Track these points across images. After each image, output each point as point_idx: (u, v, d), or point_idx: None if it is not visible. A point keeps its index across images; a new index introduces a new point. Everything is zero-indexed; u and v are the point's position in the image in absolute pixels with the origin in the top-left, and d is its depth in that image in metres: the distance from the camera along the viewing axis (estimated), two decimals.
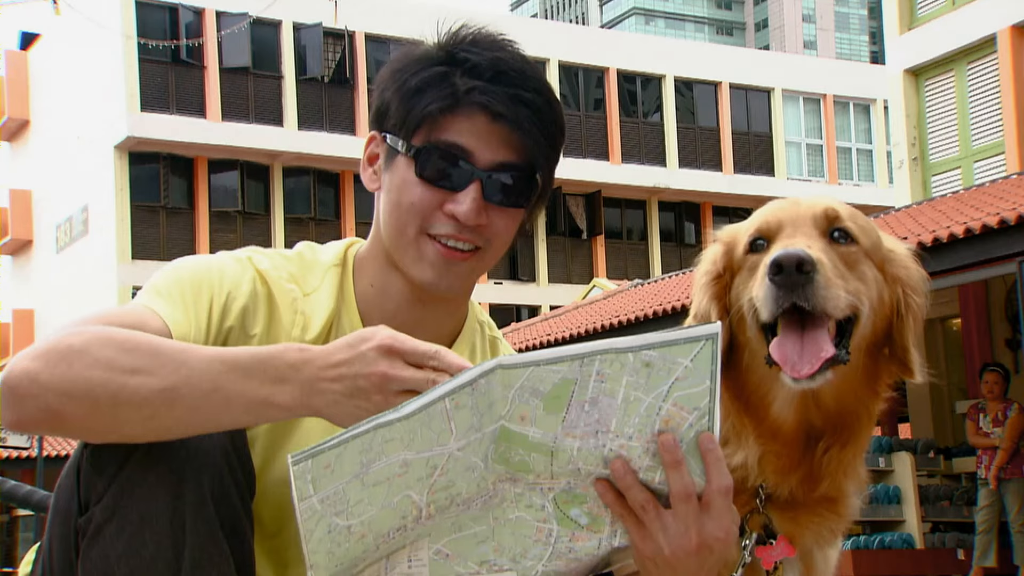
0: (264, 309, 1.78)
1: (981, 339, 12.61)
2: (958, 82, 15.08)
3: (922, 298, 1.83)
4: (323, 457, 1.40)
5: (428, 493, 1.42)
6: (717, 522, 1.46)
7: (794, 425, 1.77)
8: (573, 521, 1.48)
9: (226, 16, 25.64)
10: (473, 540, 1.47)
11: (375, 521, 1.43)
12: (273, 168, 26.49)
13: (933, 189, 15.06)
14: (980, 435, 10.28)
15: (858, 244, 1.78)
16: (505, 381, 1.37)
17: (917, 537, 10.67)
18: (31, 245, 30.36)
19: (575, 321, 15.58)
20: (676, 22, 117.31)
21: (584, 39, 30.64)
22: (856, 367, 1.77)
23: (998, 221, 9.37)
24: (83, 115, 26.45)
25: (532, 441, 1.41)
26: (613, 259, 29.04)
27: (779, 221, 1.80)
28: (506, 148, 1.76)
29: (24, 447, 20.65)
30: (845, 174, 31.33)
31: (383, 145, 1.83)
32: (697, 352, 1.38)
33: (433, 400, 1.37)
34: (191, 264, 1.79)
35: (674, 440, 1.42)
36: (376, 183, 1.86)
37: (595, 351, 1.37)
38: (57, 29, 26.37)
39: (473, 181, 1.75)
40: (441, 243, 1.78)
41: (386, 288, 1.85)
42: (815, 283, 1.65)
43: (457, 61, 1.77)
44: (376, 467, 1.40)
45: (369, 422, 1.38)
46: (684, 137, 29.98)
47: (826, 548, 1.86)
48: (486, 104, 1.74)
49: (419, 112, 1.75)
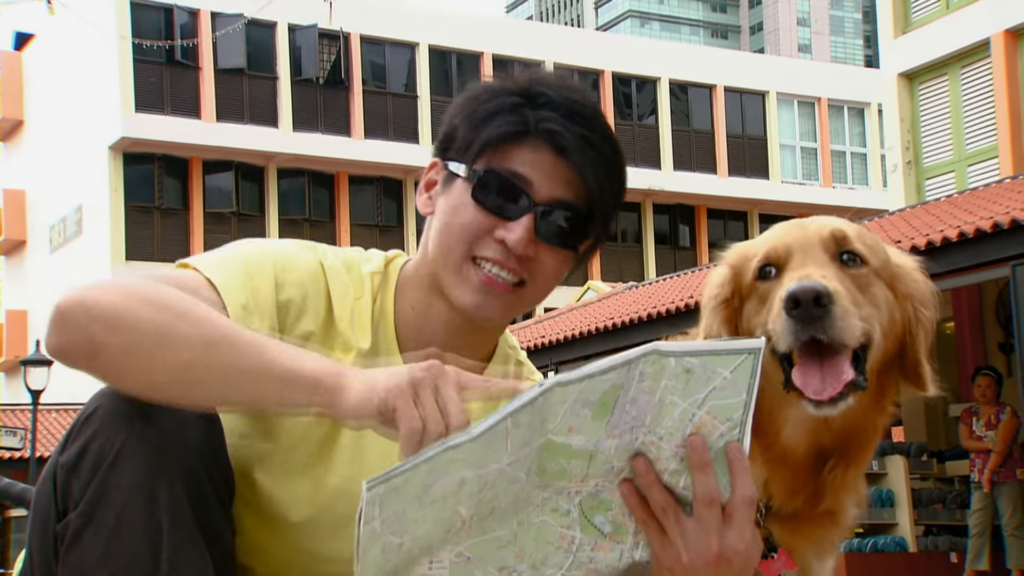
0: (324, 300, 1.79)
1: (974, 343, 12.64)
2: (952, 86, 15.12)
3: (932, 311, 1.81)
4: (394, 481, 1.39)
5: (475, 507, 1.43)
6: (738, 533, 1.44)
7: (805, 449, 1.75)
8: (596, 529, 1.47)
9: (221, 17, 25.63)
10: (495, 544, 1.47)
11: (424, 536, 1.44)
12: (268, 169, 26.47)
13: (927, 193, 15.09)
14: (973, 438, 10.30)
15: (868, 265, 1.75)
16: (560, 397, 1.38)
17: (910, 540, 10.68)
18: (25, 245, 30.31)
19: (569, 323, 15.58)
20: (671, 25, 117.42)
21: (579, 42, 30.67)
22: (869, 388, 1.74)
23: (991, 225, 9.40)
24: (77, 115, 26.42)
25: (575, 449, 1.42)
26: (607, 261, 29.05)
27: (787, 247, 1.77)
28: (566, 186, 1.76)
29: (17, 448, 20.62)
30: (839, 177, 31.37)
31: (443, 171, 1.82)
32: (738, 364, 1.39)
33: (499, 420, 1.37)
34: (254, 244, 1.82)
35: (703, 442, 1.42)
36: (430, 207, 1.84)
37: (641, 354, 1.37)
38: (51, 29, 26.33)
39: (528, 212, 1.74)
40: (485, 271, 1.77)
41: (427, 313, 1.84)
42: (832, 315, 1.63)
43: (532, 95, 1.77)
44: (437, 487, 1.40)
45: (440, 445, 1.38)
46: (679, 140, 30.01)
47: (825, 558, 1.86)
48: (554, 137, 1.74)
49: (485, 137, 1.75)
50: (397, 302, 1.86)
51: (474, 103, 1.79)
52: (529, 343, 14.46)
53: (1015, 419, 10.15)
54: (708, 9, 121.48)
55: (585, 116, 1.77)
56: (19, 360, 22.43)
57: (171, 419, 1.58)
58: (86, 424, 1.59)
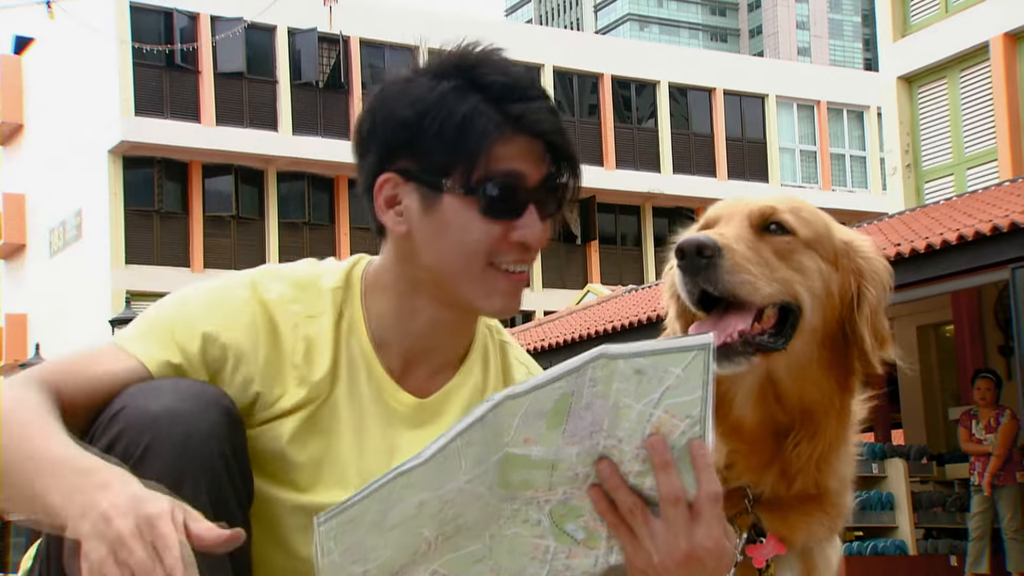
0: (266, 341, 1.76)
1: (974, 345, 12.64)
2: (951, 89, 15.13)
3: (880, 289, 1.82)
4: (348, 513, 1.39)
5: (438, 527, 1.42)
6: (707, 531, 1.42)
7: (756, 421, 1.78)
8: (569, 536, 1.47)
9: (221, 21, 25.63)
10: (469, 559, 1.46)
11: (388, 561, 1.43)
12: (267, 173, 26.47)
13: (926, 196, 15.10)
14: (973, 441, 10.29)
15: (795, 235, 1.78)
16: (512, 410, 1.37)
17: (910, 543, 10.67)
18: (24, 249, 30.30)
19: (569, 327, 15.59)
20: (671, 28, 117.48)
21: (579, 45, 30.67)
22: (812, 358, 1.77)
23: (991, 228, 9.40)
24: (77, 119, 26.42)
25: (535, 459, 1.41)
26: (607, 265, 29.06)
27: (717, 217, 1.83)
28: (543, 161, 1.75)
29: None
30: (839, 180, 31.39)
31: (406, 186, 1.75)
32: (689, 361, 1.38)
33: (449, 441, 1.36)
34: (179, 300, 1.78)
35: (663, 442, 1.41)
36: (403, 226, 1.76)
37: (588, 360, 1.37)
38: (51, 33, 26.32)
39: (530, 203, 1.73)
40: (510, 271, 1.75)
41: (414, 316, 1.81)
42: (719, 267, 1.68)
43: (483, 87, 1.72)
44: (394, 513, 1.40)
45: (391, 472, 1.38)
46: (678, 143, 30.01)
47: (825, 547, 1.87)
48: (537, 125, 1.72)
49: (472, 148, 1.69)
50: (368, 309, 1.83)
51: (424, 116, 1.71)
52: (529, 347, 14.46)
53: (1015, 422, 10.15)
54: (707, 12, 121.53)
55: (527, 82, 1.76)
56: (18, 364, 22.42)
57: (197, 420, 1.58)
58: (111, 423, 1.60)
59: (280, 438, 1.74)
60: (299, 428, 1.75)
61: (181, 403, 1.59)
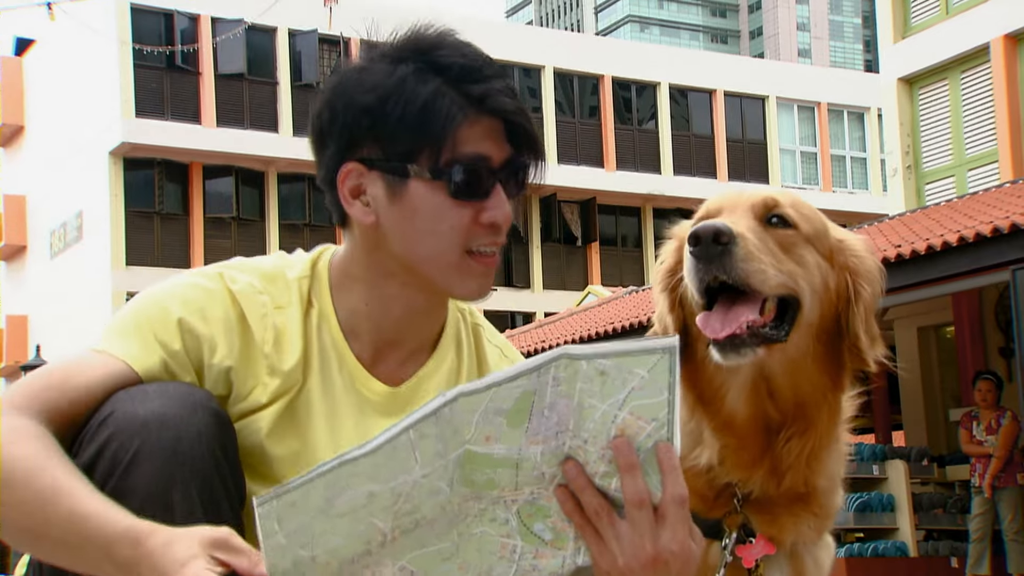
0: (237, 331, 1.75)
1: (974, 347, 12.64)
2: (952, 91, 15.13)
3: (873, 287, 1.83)
4: (288, 496, 1.40)
5: (393, 519, 1.42)
6: (672, 534, 1.41)
7: (748, 416, 1.77)
8: (536, 536, 1.46)
9: (221, 22, 25.64)
10: (438, 557, 1.46)
11: (340, 549, 1.43)
12: (268, 174, 26.48)
13: (927, 197, 15.10)
14: (974, 443, 10.29)
15: (796, 229, 1.79)
16: (469, 407, 1.37)
17: (911, 545, 10.67)
18: (25, 251, 30.31)
19: (570, 328, 15.59)
20: (671, 30, 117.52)
21: (579, 47, 30.68)
22: (806, 353, 1.77)
23: (991, 229, 9.40)
24: (78, 121, 26.43)
25: (497, 458, 1.41)
26: (608, 266, 29.06)
27: (719, 207, 1.83)
28: (503, 139, 1.74)
29: None
30: (839, 182, 31.39)
31: (370, 174, 1.74)
32: (655, 364, 1.37)
33: (397, 433, 1.37)
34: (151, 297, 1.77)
35: (628, 444, 1.40)
36: (371, 216, 1.75)
37: (550, 359, 1.37)
38: (52, 35, 26.34)
39: (495, 184, 1.73)
40: (483, 253, 1.75)
41: (386, 304, 1.81)
42: (733, 255, 1.67)
43: (442, 68, 1.72)
44: (341, 500, 1.40)
45: (336, 460, 1.38)
46: (679, 144, 30.01)
47: (814, 549, 1.86)
48: (500, 106, 1.72)
49: (437, 132, 1.69)
50: (336, 299, 1.82)
51: (387, 99, 1.70)
52: (530, 348, 14.45)
53: (1015, 423, 10.15)
54: (708, 14, 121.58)
55: (485, 62, 1.76)
56: (19, 365, 22.43)
57: (186, 424, 1.58)
58: (101, 427, 1.59)
59: (259, 432, 1.74)
60: (276, 422, 1.75)
61: (169, 407, 1.59)
